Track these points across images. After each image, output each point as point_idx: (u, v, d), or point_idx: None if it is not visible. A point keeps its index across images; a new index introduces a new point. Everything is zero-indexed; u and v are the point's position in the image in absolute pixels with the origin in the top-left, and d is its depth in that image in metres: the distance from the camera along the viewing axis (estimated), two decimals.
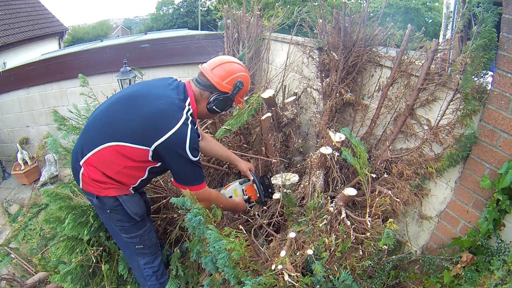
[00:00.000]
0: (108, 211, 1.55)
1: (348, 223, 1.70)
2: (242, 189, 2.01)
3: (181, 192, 1.52)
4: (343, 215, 1.74)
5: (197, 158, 1.46)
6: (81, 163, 1.48)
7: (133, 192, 1.58)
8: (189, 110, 1.46)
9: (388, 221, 1.58)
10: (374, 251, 1.65)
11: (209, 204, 1.60)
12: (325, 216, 1.75)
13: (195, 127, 1.49)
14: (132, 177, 1.53)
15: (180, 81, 1.59)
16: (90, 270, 1.89)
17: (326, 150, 1.95)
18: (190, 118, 1.44)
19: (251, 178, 2.02)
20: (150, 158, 1.44)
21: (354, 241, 1.65)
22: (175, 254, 1.97)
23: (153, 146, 1.39)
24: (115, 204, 1.53)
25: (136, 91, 1.53)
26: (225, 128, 2.33)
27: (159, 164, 1.50)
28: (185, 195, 1.49)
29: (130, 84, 3.49)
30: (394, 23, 2.12)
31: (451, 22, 2.58)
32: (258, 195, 2.02)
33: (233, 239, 1.53)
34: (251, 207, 2.07)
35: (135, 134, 1.40)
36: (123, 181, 1.52)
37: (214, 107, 1.55)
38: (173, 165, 1.47)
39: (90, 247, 1.89)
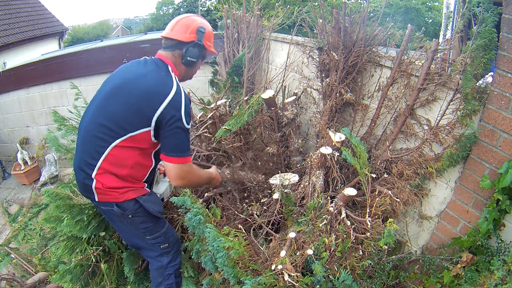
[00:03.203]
0: (130, 216, 1.54)
1: (348, 223, 1.70)
2: None
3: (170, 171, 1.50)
4: (343, 215, 1.74)
5: (189, 125, 1.48)
6: (93, 175, 1.46)
7: (149, 191, 1.60)
8: (175, 78, 1.49)
9: (388, 221, 1.58)
10: (374, 251, 1.65)
11: (192, 180, 1.59)
12: (325, 216, 1.75)
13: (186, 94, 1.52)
14: (143, 168, 1.55)
15: (148, 57, 1.60)
16: (90, 270, 1.89)
17: (326, 150, 1.95)
18: (179, 85, 1.47)
19: None
20: (153, 138, 1.45)
21: (354, 241, 1.65)
22: (183, 256, 1.96)
23: (153, 122, 1.40)
24: (136, 206, 1.53)
25: (117, 83, 1.51)
26: (225, 128, 2.33)
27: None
28: (169, 169, 1.47)
29: None
30: (394, 23, 2.13)
31: (451, 22, 2.58)
32: None
33: (232, 238, 1.53)
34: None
35: (134, 120, 1.41)
36: (137, 176, 1.53)
37: (189, 58, 1.56)
38: (167, 135, 1.45)
39: (90, 247, 1.89)
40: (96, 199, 1.51)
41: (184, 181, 1.53)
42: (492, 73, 1.61)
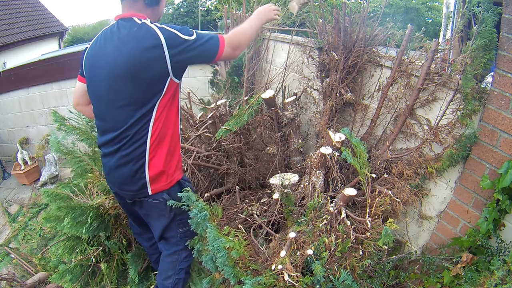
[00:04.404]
0: (173, 206, 1.54)
1: (348, 223, 1.70)
2: None
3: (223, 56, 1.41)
4: (343, 215, 1.74)
5: (191, 34, 1.34)
6: (147, 162, 1.42)
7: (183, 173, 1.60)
8: (145, 20, 1.34)
9: (388, 221, 1.58)
10: (374, 251, 1.65)
11: (244, 38, 1.48)
12: (325, 216, 1.75)
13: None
14: (171, 116, 1.45)
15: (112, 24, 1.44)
16: (90, 270, 1.89)
17: (326, 150, 1.95)
18: (150, 22, 1.34)
19: None
20: (172, 76, 1.36)
21: (354, 241, 1.65)
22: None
23: (168, 63, 1.31)
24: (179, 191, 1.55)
25: (108, 74, 1.37)
26: (225, 128, 2.33)
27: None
28: (222, 53, 1.39)
29: None
30: (394, 23, 2.13)
31: (451, 22, 2.58)
32: None
33: (232, 238, 1.53)
34: None
35: (149, 88, 1.34)
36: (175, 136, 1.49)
37: None
38: (190, 58, 1.36)
39: (90, 247, 1.89)
40: (150, 193, 1.48)
41: (239, 50, 1.46)
42: (492, 73, 1.61)
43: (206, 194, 2.28)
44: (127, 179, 1.46)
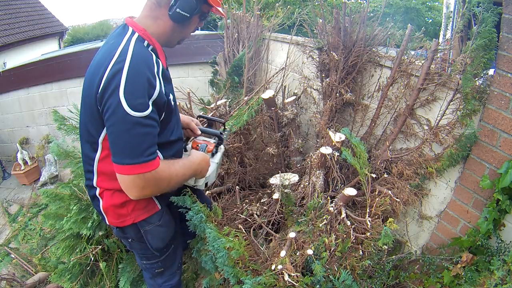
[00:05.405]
0: (130, 240, 1.38)
1: (348, 223, 1.70)
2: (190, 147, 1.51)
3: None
4: (343, 215, 1.74)
5: (144, 112, 0.97)
6: (97, 192, 1.22)
7: (160, 208, 1.33)
8: (130, 38, 1.05)
9: (388, 221, 1.58)
10: (374, 251, 1.65)
11: (161, 186, 1.11)
12: (325, 216, 1.75)
13: (150, 50, 1.07)
14: None
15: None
16: (88, 269, 1.89)
17: (326, 150, 1.95)
18: (130, 46, 1.02)
19: (197, 132, 1.54)
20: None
21: (354, 241, 1.65)
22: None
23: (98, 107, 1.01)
24: (138, 236, 1.34)
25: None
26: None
27: None
28: (120, 181, 1.04)
29: None
30: (394, 23, 2.13)
31: (451, 22, 2.58)
32: (213, 140, 1.54)
33: (232, 238, 1.53)
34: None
35: (93, 123, 1.09)
36: None
37: (178, 10, 1.08)
38: (108, 129, 1.01)
39: (89, 246, 1.89)
40: (108, 223, 1.31)
41: (146, 192, 1.07)
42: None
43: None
44: (91, 199, 1.33)
